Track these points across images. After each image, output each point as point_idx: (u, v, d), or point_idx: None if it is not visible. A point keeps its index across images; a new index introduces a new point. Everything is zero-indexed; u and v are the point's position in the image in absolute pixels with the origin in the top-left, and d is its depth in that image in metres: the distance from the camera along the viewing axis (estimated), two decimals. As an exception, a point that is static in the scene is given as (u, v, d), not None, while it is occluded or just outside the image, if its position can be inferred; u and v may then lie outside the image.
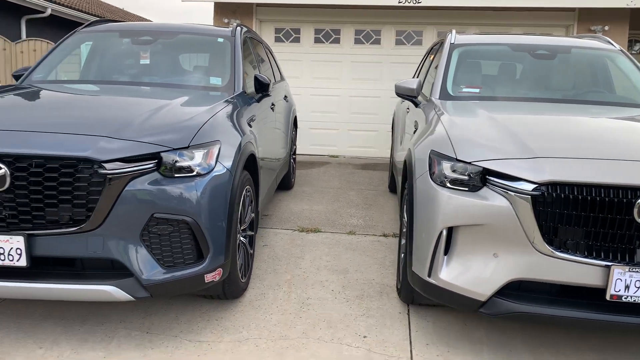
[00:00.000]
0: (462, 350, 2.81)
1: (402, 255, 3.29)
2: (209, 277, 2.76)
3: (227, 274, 2.93)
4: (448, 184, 2.66)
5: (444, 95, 3.86)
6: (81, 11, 13.41)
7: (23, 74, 4.12)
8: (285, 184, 6.22)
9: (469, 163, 2.61)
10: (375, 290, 3.51)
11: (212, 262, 2.76)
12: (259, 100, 4.26)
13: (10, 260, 2.51)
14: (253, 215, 3.55)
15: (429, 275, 2.70)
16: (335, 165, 8.31)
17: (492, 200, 2.52)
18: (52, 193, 2.48)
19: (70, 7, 12.86)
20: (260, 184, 3.83)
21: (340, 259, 4.07)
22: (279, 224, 4.95)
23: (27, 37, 11.68)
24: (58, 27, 12.86)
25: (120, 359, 2.62)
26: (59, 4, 12.29)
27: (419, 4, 8.11)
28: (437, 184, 2.70)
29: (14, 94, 3.38)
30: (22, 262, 2.51)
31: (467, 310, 2.70)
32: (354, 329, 2.98)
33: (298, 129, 7.18)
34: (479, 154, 2.64)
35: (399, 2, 8.12)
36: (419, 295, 3.04)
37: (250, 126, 3.66)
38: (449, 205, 2.61)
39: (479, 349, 2.82)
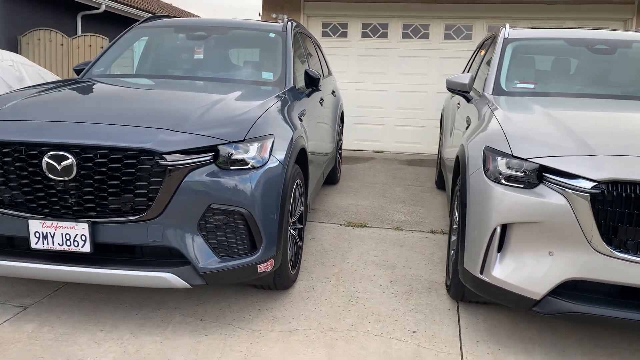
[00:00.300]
0: (513, 348, 2.78)
1: (452, 251, 3.27)
2: (261, 268, 2.82)
3: (278, 265, 2.98)
4: (503, 181, 2.62)
5: (498, 90, 3.80)
6: (133, 7, 13.79)
7: (84, 69, 4.30)
8: (331, 179, 6.26)
9: (525, 160, 2.57)
10: (424, 287, 3.50)
11: (265, 253, 2.82)
12: (308, 95, 4.31)
13: (76, 246, 2.64)
14: (302, 208, 3.60)
15: (481, 272, 2.68)
16: (381, 161, 8.29)
17: (548, 197, 2.48)
18: (115, 182, 2.59)
19: (123, 4, 13.25)
20: (309, 178, 3.88)
21: (388, 254, 4.08)
22: (325, 218, 4.99)
23: (82, 32, 12.11)
24: (111, 23, 13.28)
25: (176, 344, 2.71)
26: (113, 0, 12.69)
27: (469, -2, 7.97)
28: (492, 180, 2.67)
29: (77, 88, 3.54)
30: (86, 248, 2.64)
31: (519, 309, 2.66)
32: (403, 324, 2.99)
33: (344, 124, 7.19)
34: (536, 151, 2.60)
35: (449, -4, 8.00)
36: (469, 292, 3.02)
37: (301, 120, 3.71)
38: (504, 202, 2.58)
39: (530, 348, 2.78)
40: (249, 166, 2.77)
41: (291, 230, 3.28)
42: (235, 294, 3.28)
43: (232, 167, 2.72)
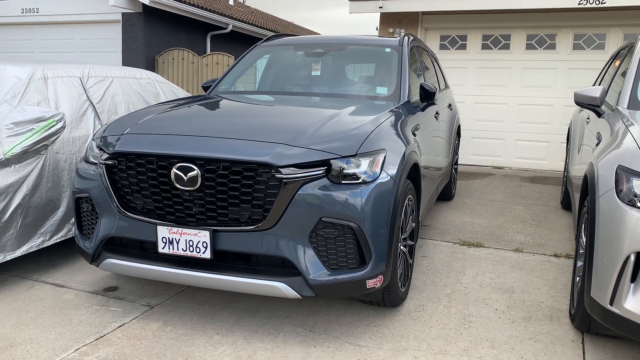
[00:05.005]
0: (648, 391, 2.49)
1: (578, 278, 3.02)
2: (370, 283, 2.81)
3: (387, 282, 2.94)
4: (638, 204, 2.38)
5: (634, 104, 3.46)
6: (257, 26, 14.54)
7: (211, 85, 4.60)
8: (445, 195, 6.10)
9: (666, 181, 2.31)
10: (544, 314, 3.26)
11: (374, 268, 2.80)
12: (423, 109, 4.24)
13: (198, 252, 2.81)
14: (413, 224, 3.53)
15: (611, 304, 2.44)
16: (500, 177, 7.92)
17: (695, 224, 2.20)
18: (235, 193, 2.73)
19: (248, 23, 14.02)
20: (421, 194, 3.80)
21: (505, 277, 3.87)
22: (438, 236, 4.86)
23: (210, 51, 12.99)
24: (237, 41, 14.11)
25: (285, 353, 2.77)
26: (238, 20, 13.48)
27: (602, 5, 7.41)
28: (625, 203, 2.43)
29: (205, 104, 3.79)
30: (207, 255, 2.79)
31: (657, 348, 2.39)
32: (520, 352, 2.81)
33: (460, 138, 6.98)
34: (679, 172, 2.33)
35: (579, 4, 7.50)
36: (597, 324, 2.77)
37: (414, 135, 3.65)
38: (639, 227, 2.34)
39: (670, 393, 2.48)
40: (360, 180, 2.78)
41: (401, 247, 3.23)
42: (344, 308, 3.29)
43: (343, 181, 2.75)
